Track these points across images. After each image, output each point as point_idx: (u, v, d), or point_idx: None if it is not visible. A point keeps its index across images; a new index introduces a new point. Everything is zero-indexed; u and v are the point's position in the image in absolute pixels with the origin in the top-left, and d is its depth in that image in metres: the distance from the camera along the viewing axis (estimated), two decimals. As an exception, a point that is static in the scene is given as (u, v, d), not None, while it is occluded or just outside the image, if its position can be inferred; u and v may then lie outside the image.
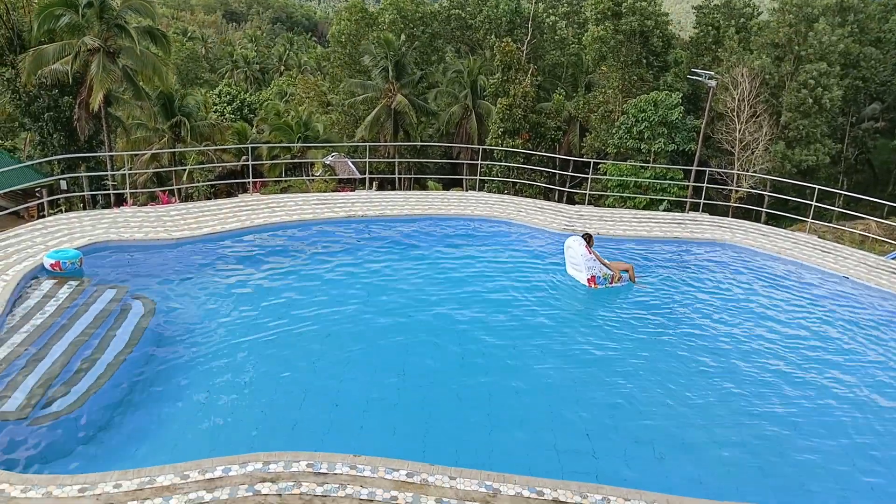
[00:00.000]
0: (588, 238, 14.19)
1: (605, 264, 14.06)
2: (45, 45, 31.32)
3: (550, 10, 53.97)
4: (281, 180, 39.53)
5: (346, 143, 44.16)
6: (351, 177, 40.21)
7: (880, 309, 13.91)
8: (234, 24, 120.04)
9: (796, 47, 38.95)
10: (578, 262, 13.96)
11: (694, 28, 47.82)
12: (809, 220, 19.33)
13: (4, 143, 43.98)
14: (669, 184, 34.65)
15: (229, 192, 40.37)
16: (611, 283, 14.06)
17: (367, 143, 29.81)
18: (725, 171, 35.89)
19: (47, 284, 11.71)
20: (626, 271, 14.34)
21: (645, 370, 10.88)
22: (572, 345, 11.59)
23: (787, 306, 13.94)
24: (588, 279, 13.84)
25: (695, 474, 8.46)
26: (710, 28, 46.10)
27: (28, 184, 30.00)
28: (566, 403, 9.80)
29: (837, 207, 25.00)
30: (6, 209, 23.00)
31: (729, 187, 34.94)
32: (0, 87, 34.83)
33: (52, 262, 12.33)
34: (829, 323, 13.28)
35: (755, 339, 12.29)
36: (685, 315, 13.24)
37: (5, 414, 7.99)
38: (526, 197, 24.83)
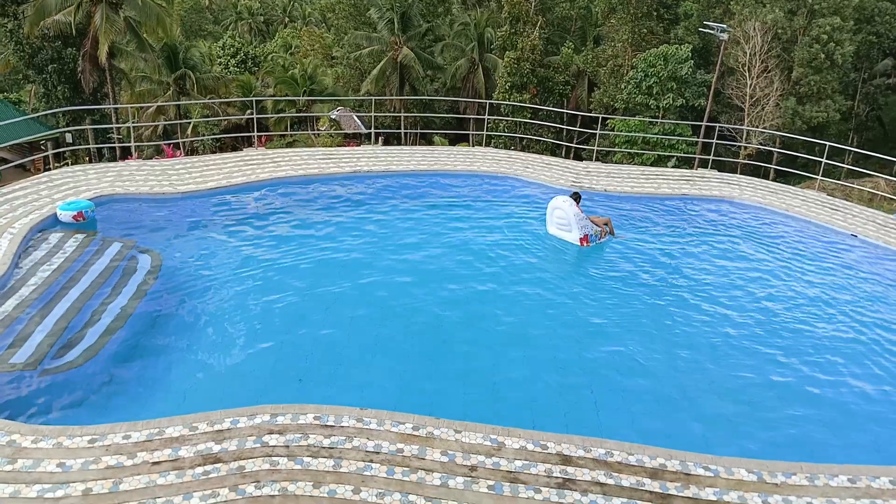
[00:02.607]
0: (577, 197, 14.07)
1: (593, 222, 14.01)
2: (46, -5, 30.86)
3: (560, -39, 52.67)
4: (286, 134, 39.25)
5: (351, 97, 43.60)
6: (357, 131, 39.87)
7: (888, 267, 13.85)
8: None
9: (809, 1, 38.07)
10: (569, 222, 13.79)
11: (706, -20, 46.67)
12: (819, 177, 19.14)
13: (9, 96, 43.69)
14: (678, 140, 34.28)
15: (234, 147, 40.14)
16: (599, 240, 14.04)
17: (373, 98, 29.42)
18: (735, 126, 35.41)
19: (55, 237, 11.73)
20: (607, 224, 14.30)
21: (649, 325, 10.91)
22: (576, 301, 11.62)
23: (795, 264, 13.88)
24: (581, 238, 13.72)
25: (697, 429, 8.54)
26: (722, -20, 45.01)
27: (33, 136, 29.85)
28: (570, 359, 9.86)
29: (847, 164, 24.69)
30: (11, 162, 22.96)
31: (738, 144, 34.54)
32: (3, 39, 34.41)
33: (75, 213, 12.42)
34: (836, 280, 13.23)
35: (762, 296, 12.27)
36: (692, 272, 13.20)
37: (15, 365, 8.08)
38: (533, 153, 24.61)
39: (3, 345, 8.44)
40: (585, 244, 13.75)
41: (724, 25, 23.51)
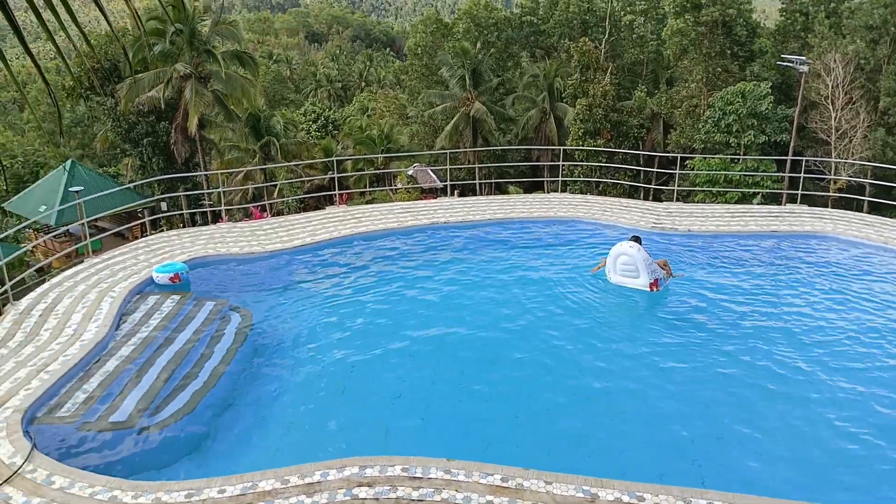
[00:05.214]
0: (637, 240, 13.48)
1: (658, 265, 13.48)
2: (140, 74, 33.01)
3: (628, 9, 52.86)
4: (366, 191, 40.24)
5: (426, 153, 44.48)
6: (433, 185, 40.51)
7: None
8: (316, 44, 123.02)
9: (892, 29, 36.74)
10: (637, 268, 13.12)
11: (781, 14, 45.86)
12: (919, 207, 18.15)
13: (108, 170, 46.53)
14: (763, 176, 33.31)
15: (317, 206, 41.37)
16: (665, 282, 13.53)
17: (447, 151, 29.97)
18: (822, 159, 34.14)
19: (152, 299, 12.28)
20: (665, 265, 13.69)
21: (748, 372, 10.46)
22: (666, 349, 11.28)
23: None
24: (650, 283, 13.11)
25: (804, 479, 8.06)
26: (797, 14, 44.10)
27: (130, 205, 31.61)
28: (662, 408, 9.53)
29: (949, 193, 23.34)
30: (110, 231, 24.28)
31: (827, 177, 33.27)
32: (102, 116, 36.90)
33: (171, 275, 13.00)
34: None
35: (868, 336, 11.59)
36: (789, 312, 12.62)
37: (116, 424, 8.40)
38: (610, 196, 24.35)
39: (105, 403, 8.81)
40: (655, 289, 13.15)
41: (803, 58, 22.91)
